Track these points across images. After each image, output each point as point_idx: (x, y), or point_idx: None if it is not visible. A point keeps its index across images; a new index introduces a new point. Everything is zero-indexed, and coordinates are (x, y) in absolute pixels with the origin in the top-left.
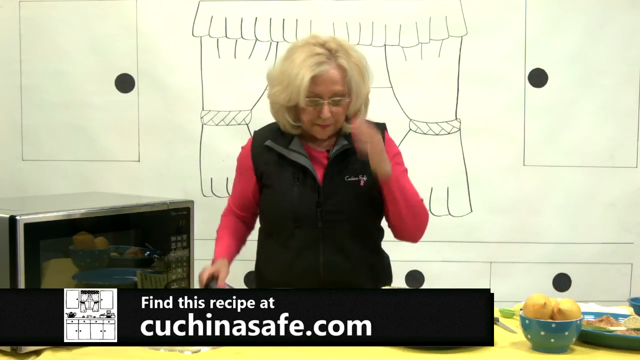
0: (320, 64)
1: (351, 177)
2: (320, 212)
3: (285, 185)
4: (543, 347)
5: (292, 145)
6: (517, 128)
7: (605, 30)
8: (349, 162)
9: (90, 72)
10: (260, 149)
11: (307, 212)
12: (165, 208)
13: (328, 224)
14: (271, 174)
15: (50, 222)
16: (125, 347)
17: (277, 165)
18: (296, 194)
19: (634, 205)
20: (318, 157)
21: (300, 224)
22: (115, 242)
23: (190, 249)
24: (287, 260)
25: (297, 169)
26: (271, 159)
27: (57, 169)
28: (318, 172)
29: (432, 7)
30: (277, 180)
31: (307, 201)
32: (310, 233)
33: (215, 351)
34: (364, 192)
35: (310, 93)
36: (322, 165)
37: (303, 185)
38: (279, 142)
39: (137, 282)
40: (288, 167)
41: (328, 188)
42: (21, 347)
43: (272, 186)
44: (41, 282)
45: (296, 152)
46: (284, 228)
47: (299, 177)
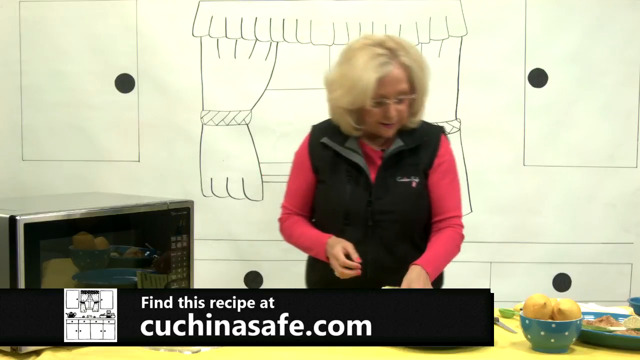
0: (384, 65)
1: (403, 177)
2: (370, 211)
3: (339, 182)
4: (543, 347)
5: (348, 143)
6: (517, 128)
7: (605, 30)
8: (402, 163)
9: (90, 72)
10: (317, 145)
11: (358, 210)
12: (165, 208)
13: (378, 223)
14: (326, 170)
15: (50, 222)
16: (125, 347)
17: (331, 162)
18: (348, 192)
19: (634, 205)
20: (373, 156)
21: (350, 221)
22: (115, 242)
23: (190, 249)
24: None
25: (351, 167)
26: (327, 155)
27: (57, 169)
28: (371, 171)
29: (432, 7)
30: (331, 177)
31: (359, 199)
32: (359, 231)
33: (215, 351)
34: (414, 193)
35: (376, 95)
36: (376, 165)
37: (356, 183)
38: (335, 140)
39: (137, 282)
40: (342, 164)
41: (380, 187)
42: (21, 347)
43: (326, 182)
44: (41, 282)
45: (351, 150)
46: (335, 224)
47: (352, 174)
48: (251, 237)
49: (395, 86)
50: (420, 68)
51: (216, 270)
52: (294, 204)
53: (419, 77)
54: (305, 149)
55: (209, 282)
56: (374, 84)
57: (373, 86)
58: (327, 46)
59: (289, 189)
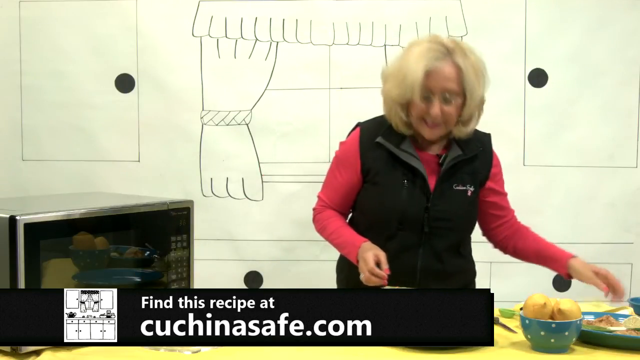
0: (436, 59)
1: (459, 185)
2: (427, 217)
3: (395, 185)
4: (543, 347)
5: (404, 145)
6: (517, 128)
7: (605, 30)
8: (458, 170)
9: (90, 72)
10: (370, 144)
11: (415, 215)
12: (165, 208)
13: (433, 230)
14: (380, 172)
15: (50, 222)
16: (125, 347)
17: (386, 163)
18: (405, 195)
19: (634, 205)
20: (429, 161)
21: (405, 226)
22: (115, 242)
23: (190, 249)
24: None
25: (407, 170)
26: (381, 156)
27: (57, 169)
28: (428, 176)
29: (432, 7)
30: (386, 179)
31: (417, 204)
32: (413, 237)
33: (215, 351)
34: (469, 202)
35: (423, 87)
36: (432, 170)
37: (413, 187)
38: (390, 141)
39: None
40: (399, 166)
41: (438, 193)
42: (21, 347)
43: (380, 184)
44: (41, 282)
45: (407, 153)
46: (387, 228)
47: (408, 178)
48: (251, 237)
49: (442, 82)
50: (476, 74)
51: (216, 270)
52: (332, 199)
53: (471, 82)
54: (356, 146)
55: (209, 282)
56: (421, 75)
57: (421, 77)
58: (327, 46)
59: (328, 182)
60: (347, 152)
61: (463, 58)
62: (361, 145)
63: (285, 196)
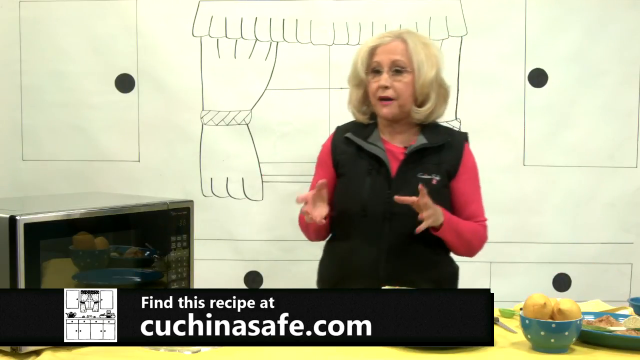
0: (382, 38)
1: (424, 174)
2: (389, 204)
3: (359, 174)
4: (543, 347)
5: (371, 138)
6: (517, 128)
7: (605, 30)
8: (424, 160)
9: (90, 72)
10: (340, 141)
11: (376, 203)
12: (165, 208)
13: (395, 217)
14: (346, 163)
15: (50, 222)
16: (125, 347)
17: (353, 156)
18: (368, 185)
19: (634, 205)
20: (395, 152)
21: (367, 213)
22: (115, 242)
23: (190, 249)
24: (348, 249)
25: (373, 160)
26: (349, 149)
27: (57, 169)
28: (393, 165)
29: (432, 7)
30: (351, 169)
31: (378, 191)
32: (376, 224)
33: (215, 351)
34: (434, 191)
35: (370, 63)
36: (398, 160)
37: (377, 176)
38: (358, 135)
39: None
40: (364, 158)
41: (400, 181)
42: (21, 347)
43: (346, 175)
44: (41, 282)
45: (373, 145)
46: (352, 216)
47: (374, 167)
48: (251, 237)
49: (389, 55)
50: (425, 53)
51: (216, 270)
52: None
53: (419, 57)
54: (329, 145)
55: (209, 282)
56: (367, 51)
57: (366, 53)
58: (327, 46)
59: (312, 185)
60: (323, 152)
61: (412, 38)
62: (333, 143)
63: (285, 196)
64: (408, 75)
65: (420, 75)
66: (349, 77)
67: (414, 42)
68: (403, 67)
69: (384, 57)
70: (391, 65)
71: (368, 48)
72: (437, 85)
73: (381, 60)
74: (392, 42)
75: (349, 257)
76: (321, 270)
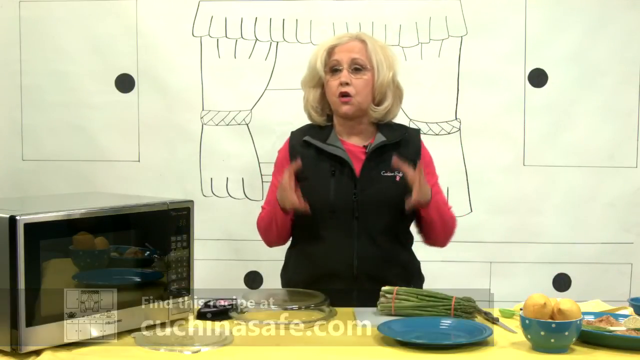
0: (340, 38)
1: (387, 172)
2: (356, 203)
3: (323, 176)
4: (543, 347)
5: (330, 139)
6: (517, 128)
7: (605, 30)
8: (385, 157)
9: (90, 72)
10: (298, 145)
11: (344, 203)
12: (165, 208)
13: (363, 215)
14: (308, 167)
15: (50, 222)
16: (125, 347)
17: (314, 159)
18: (333, 185)
19: (634, 205)
20: (355, 152)
21: (336, 214)
22: (115, 242)
23: (190, 249)
24: (321, 251)
25: (335, 162)
26: (309, 153)
27: (57, 169)
28: (355, 165)
29: (432, 7)
30: (314, 172)
31: (344, 192)
32: (345, 224)
33: (215, 351)
34: (399, 187)
35: (330, 62)
36: (359, 159)
37: (340, 177)
38: (316, 137)
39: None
40: (326, 160)
41: (365, 180)
42: (21, 347)
43: (309, 178)
44: (41, 282)
45: (334, 146)
46: (320, 219)
47: (336, 169)
48: (251, 237)
49: (348, 53)
50: (383, 53)
51: (216, 270)
52: (270, 203)
53: (378, 56)
54: (286, 150)
55: (209, 282)
56: (325, 50)
57: (324, 52)
58: None
59: (269, 191)
60: (280, 158)
61: (370, 40)
62: (290, 148)
63: None
64: (367, 73)
65: (380, 74)
66: (305, 79)
67: (372, 43)
68: (362, 66)
69: (343, 55)
70: (351, 63)
71: (326, 48)
72: (393, 85)
73: (340, 59)
74: (351, 42)
75: (322, 258)
76: (288, 276)
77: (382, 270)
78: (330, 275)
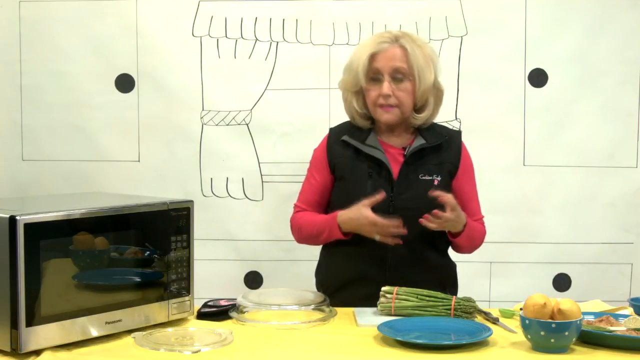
0: (381, 43)
1: (425, 175)
2: (392, 206)
3: (360, 177)
4: (543, 347)
5: (369, 140)
6: (517, 128)
7: (605, 30)
8: (424, 161)
9: (90, 72)
10: (336, 143)
11: (380, 205)
12: (165, 208)
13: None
14: (346, 167)
15: (50, 222)
16: (125, 347)
17: (352, 159)
18: (370, 187)
19: (634, 205)
20: (394, 154)
21: None
22: (115, 242)
23: (190, 249)
24: (355, 253)
25: (373, 163)
26: (347, 152)
27: (57, 169)
28: (393, 167)
29: (432, 7)
30: (352, 172)
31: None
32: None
33: (215, 351)
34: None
35: (371, 70)
36: (398, 162)
37: (378, 179)
38: (355, 137)
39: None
40: (364, 160)
41: (402, 183)
42: (21, 347)
43: (346, 178)
44: (41, 282)
45: (372, 147)
46: None
47: (374, 170)
48: (251, 237)
49: (389, 62)
50: (424, 58)
51: (216, 270)
52: (308, 202)
53: (419, 63)
54: (324, 148)
55: (209, 282)
56: (367, 58)
57: (366, 60)
58: (327, 46)
59: (304, 188)
60: (318, 155)
61: (410, 43)
62: (328, 146)
63: (285, 196)
64: (409, 82)
65: (421, 82)
66: (346, 83)
67: (412, 47)
68: (404, 75)
69: (384, 64)
70: (392, 72)
71: (368, 55)
72: (435, 89)
73: (381, 67)
74: (391, 48)
75: (355, 261)
76: (322, 276)
77: (415, 274)
78: (362, 278)
